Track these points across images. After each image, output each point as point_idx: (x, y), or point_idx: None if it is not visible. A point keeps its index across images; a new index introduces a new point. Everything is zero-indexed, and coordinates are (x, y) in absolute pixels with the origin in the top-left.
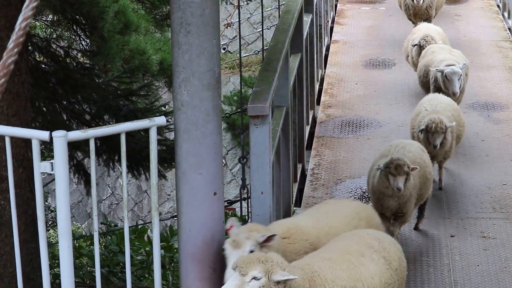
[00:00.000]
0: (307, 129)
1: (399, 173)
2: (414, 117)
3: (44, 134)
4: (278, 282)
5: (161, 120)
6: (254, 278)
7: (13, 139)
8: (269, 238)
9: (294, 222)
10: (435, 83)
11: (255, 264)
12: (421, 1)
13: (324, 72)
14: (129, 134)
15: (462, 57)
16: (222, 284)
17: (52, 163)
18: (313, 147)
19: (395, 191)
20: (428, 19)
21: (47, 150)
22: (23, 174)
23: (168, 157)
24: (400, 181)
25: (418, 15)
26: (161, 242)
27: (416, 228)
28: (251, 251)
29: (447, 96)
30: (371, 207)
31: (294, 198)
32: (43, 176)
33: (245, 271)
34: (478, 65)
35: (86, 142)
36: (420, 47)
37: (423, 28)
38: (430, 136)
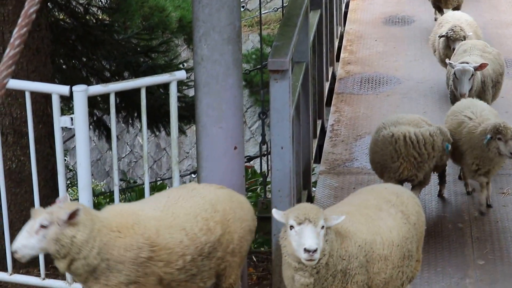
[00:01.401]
0: (326, 85)
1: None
2: (453, 129)
3: (64, 89)
4: (327, 229)
5: (181, 74)
6: (323, 227)
7: (33, 95)
8: (73, 215)
9: (135, 211)
10: (451, 90)
11: (319, 213)
12: None
13: (344, 29)
14: (148, 91)
15: (496, 60)
16: None
17: (72, 117)
18: (332, 103)
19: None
20: (457, 7)
21: (66, 108)
22: (43, 130)
23: (187, 114)
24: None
25: (448, 2)
26: None
27: (440, 194)
28: (42, 226)
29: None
30: (240, 199)
31: (313, 154)
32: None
33: (317, 222)
34: (498, 22)
35: (104, 99)
36: (448, 39)
37: (451, 18)
38: (503, 144)
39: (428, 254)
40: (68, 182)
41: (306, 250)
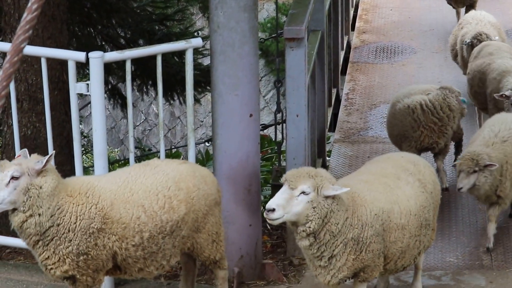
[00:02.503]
0: (341, 54)
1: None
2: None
3: (80, 55)
4: (326, 197)
5: (197, 41)
6: (303, 192)
7: (49, 61)
8: (47, 161)
9: (92, 181)
10: (495, 101)
11: (304, 179)
12: None
13: None
14: (163, 59)
15: None
16: (257, 205)
17: (88, 84)
18: (347, 72)
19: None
20: (471, 5)
21: (79, 76)
22: (58, 97)
23: (202, 81)
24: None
25: (459, 1)
26: None
27: (455, 165)
28: (14, 177)
29: None
30: (203, 173)
31: (328, 123)
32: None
33: (295, 185)
34: None
35: (119, 66)
36: (473, 47)
37: (473, 19)
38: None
39: (442, 224)
40: (83, 149)
41: (265, 208)
